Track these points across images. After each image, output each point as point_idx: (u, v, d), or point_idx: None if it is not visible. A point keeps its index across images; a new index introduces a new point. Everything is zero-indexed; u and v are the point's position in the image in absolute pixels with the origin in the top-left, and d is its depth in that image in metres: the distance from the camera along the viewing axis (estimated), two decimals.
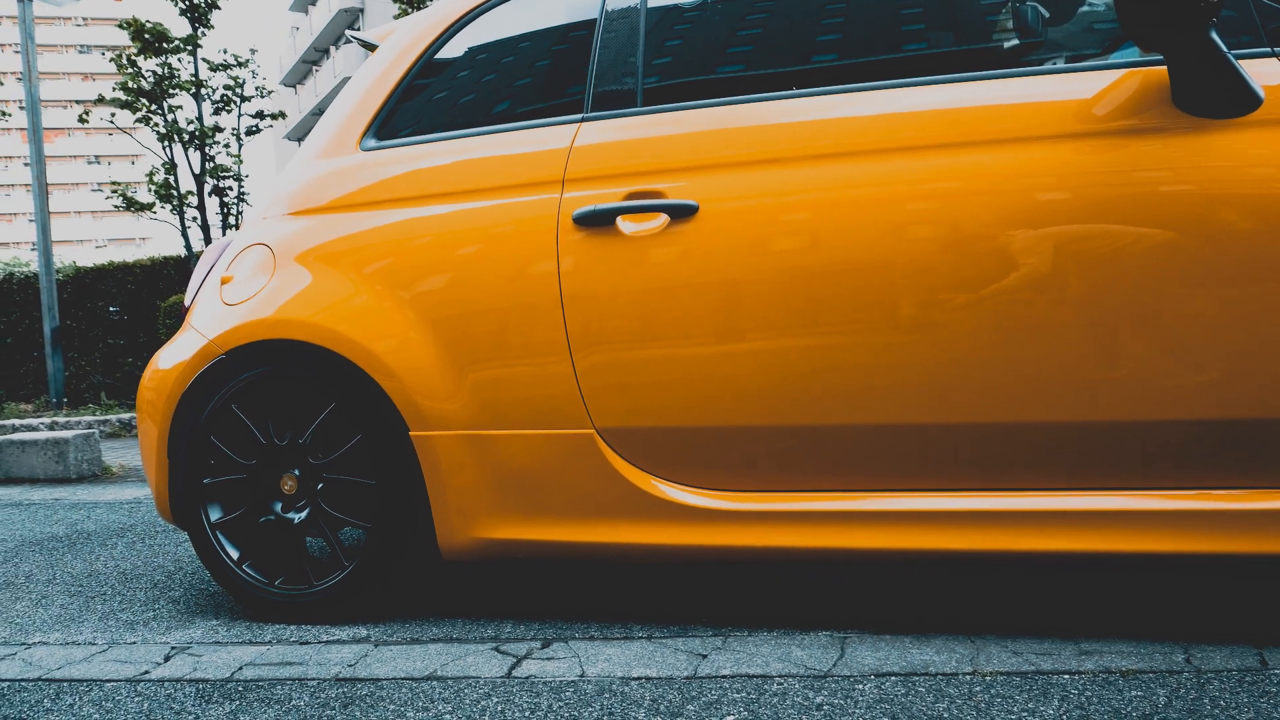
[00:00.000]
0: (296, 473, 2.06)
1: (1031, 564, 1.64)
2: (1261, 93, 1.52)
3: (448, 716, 1.47)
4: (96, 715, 1.57)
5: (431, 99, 2.17)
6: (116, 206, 10.36)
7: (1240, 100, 1.52)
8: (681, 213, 1.77)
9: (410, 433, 1.95)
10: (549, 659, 1.72)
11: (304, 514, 2.06)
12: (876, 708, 1.40)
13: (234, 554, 2.10)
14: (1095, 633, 1.67)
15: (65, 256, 17.63)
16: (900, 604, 1.95)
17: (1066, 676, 1.47)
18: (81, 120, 10.15)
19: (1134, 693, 1.39)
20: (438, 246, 1.98)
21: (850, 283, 1.68)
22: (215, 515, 2.11)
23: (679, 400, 1.79)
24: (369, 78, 2.24)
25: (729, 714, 1.40)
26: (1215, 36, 1.48)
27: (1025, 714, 1.34)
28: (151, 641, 1.99)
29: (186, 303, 2.34)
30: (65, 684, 1.74)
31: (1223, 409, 1.54)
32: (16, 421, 8.33)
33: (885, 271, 1.67)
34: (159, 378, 2.20)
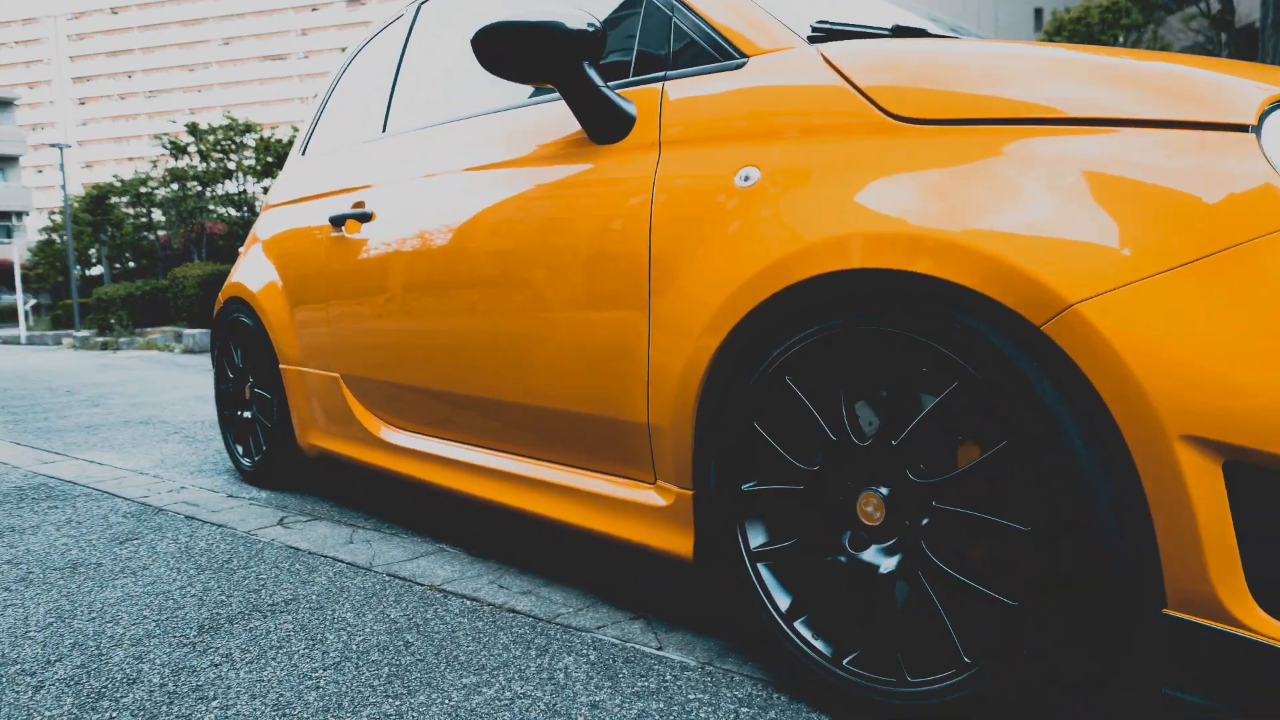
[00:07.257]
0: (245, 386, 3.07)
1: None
2: (634, 114, 1.63)
3: (168, 546, 2.34)
4: (70, 512, 2.74)
5: (327, 124, 2.94)
6: None
7: (615, 125, 1.65)
8: (366, 219, 2.35)
9: (279, 365, 2.82)
10: (283, 528, 2.49)
11: (249, 413, 3.07)
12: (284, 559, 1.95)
13: (230, 437, 3.20)
14: (561, 577, 1.95)
15: None
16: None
17: (409, 585, 1.93)
18: None
19: (407, 603, 1.81)
20: (289, 235, 2.79)
21: (435, 278, 2.12)
22: (223, 408, 3.23)
23: (360, 358, 2.40)
24: (314, 103, 3.08)
25: (272, 576, 2.06)
26: (588, 69, 1.62)
27: (309, 586, 1.80)
28: (165, 478, 3.16)
29: None
30: (84, 488, 2.98)
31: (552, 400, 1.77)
32: None
33: (448, 272, 2.08)
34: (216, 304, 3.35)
